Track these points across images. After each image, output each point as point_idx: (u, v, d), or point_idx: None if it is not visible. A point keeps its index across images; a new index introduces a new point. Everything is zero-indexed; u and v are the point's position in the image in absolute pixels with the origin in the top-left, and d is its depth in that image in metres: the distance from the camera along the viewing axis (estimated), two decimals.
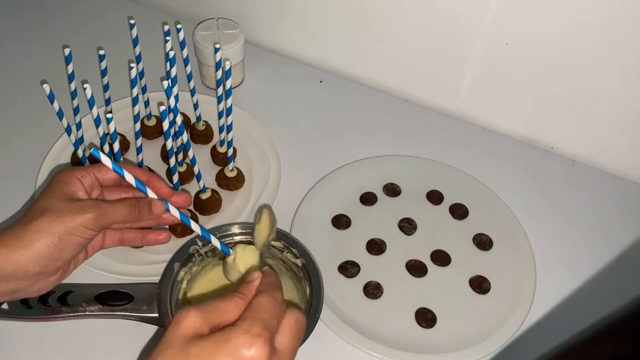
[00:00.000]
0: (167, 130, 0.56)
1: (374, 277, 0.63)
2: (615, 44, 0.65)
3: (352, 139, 0.76)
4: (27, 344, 0.56)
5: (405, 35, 0.77)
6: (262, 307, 0.37)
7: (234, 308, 0.37)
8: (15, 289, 0.42)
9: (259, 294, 0.38)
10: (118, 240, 0.50)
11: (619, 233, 0.69)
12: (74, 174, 0.46)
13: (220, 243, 0.53)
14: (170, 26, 0.64)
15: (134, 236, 0.51)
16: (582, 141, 0.76)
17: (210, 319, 0.36)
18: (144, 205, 0.47)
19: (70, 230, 0.43)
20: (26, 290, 0.43)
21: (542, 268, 0.64)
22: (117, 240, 0.50)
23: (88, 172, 0.47)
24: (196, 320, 0.35)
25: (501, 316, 0.60)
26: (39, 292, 0.44)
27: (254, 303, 0.37)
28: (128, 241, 0.51)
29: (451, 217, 0.69)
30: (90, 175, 0.47)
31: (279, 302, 0.38)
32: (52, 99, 0.58)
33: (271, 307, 0.37)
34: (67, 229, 0.43)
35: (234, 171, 0.68)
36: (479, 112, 0.80)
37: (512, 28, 0.69)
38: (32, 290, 0.44)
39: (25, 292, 0.43)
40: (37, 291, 0.44)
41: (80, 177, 0.46)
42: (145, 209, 0.47)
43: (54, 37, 0.85)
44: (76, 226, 0.43)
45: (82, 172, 0.47)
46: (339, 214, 0.68)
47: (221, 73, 0.63)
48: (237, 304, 0.38)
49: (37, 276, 0.43)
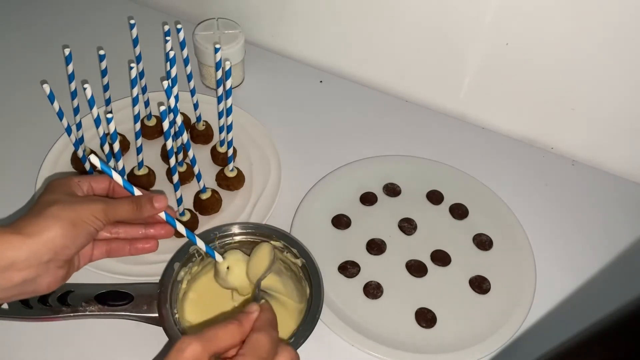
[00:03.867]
0: (167, 130, 0.56)
1: (374, 277, 0.63)
2: (615, 44, 0.65)
3: (352, 139, 0.76)
4: (27, 344, 0.56)
5: (405, 35, 0.77)
6: (260, 344, 0.40)
7: (231, 336, 0.40)
8: (26, 278, 0.42)
9: (256, 330, 0.41)
10: (105, 251, 0.50)
11: (618, 233, 0.69)
12: (71, 177, 0.48)
13: (206, 246, 0.52)
14: (170, 26, 0.64)
15: (121, 246, 0.51)
16: (582, 141, 0.76)
17: (209, 348, 0.38)
18: (145, 201, 0.47)
19: (82, 217, 0.44)
20: (36, 283, 0.43)
21: (542, 268, 0.64)
22: (104, 251, 0.50)
23: (84, 178, 0.48)
24: (196, 349, 0.37)
25: (501, 316, 0.60)
26: (47, 288, 0.44)
27: (253, 340, 0.40)
28: (115, 251, 0.50)
29: (451, 217, 0.69)
30: (86, 181, 0.48)
31: (275, 340, 0.41)
32: (52, 99, 0.58)
33: (269, 347, 0.40)
34: (79, 215, 0.44)
35: (234, 171, 0.68)
36: (479, 112, 0.80)
37: (512, 28, 0.69)
38: (42, 283, 0.43)
39: (35, 285, 0.43)
40: (46, 286, 0.44)
41: (77, 181, 0.48)
42: (147, 204, 0.47)
43: (54, 37, 0.85)
44: (87, 214, 0.44)
45: (79, 177, 0.48)
46: (339, 214, 0.68)
47: (221, 73, 0.63)
48: (233, 333, 0.40)
49: (47, 265, 0.42)
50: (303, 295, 0.57)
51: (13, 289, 0.42)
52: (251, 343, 0.39)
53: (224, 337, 0.39)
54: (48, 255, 0.42)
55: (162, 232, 0.51)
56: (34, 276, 0.42)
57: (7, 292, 0.42)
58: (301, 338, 0.52)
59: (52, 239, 0.42)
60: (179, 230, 0.50)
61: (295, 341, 0.51)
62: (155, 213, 0.48)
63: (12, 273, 0.41)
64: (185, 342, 0.37)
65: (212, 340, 0.38)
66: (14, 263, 0.41)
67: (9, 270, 0.41)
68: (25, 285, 0.42)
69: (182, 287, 0.57)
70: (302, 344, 0.51)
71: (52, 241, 0.42)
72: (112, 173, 0.46)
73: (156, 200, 0.47)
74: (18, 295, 0.43)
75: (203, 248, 0.52)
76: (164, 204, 0.48)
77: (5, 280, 0.41)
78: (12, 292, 0.42)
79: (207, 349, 0.38)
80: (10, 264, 0.41)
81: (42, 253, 0.42)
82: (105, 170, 0.45)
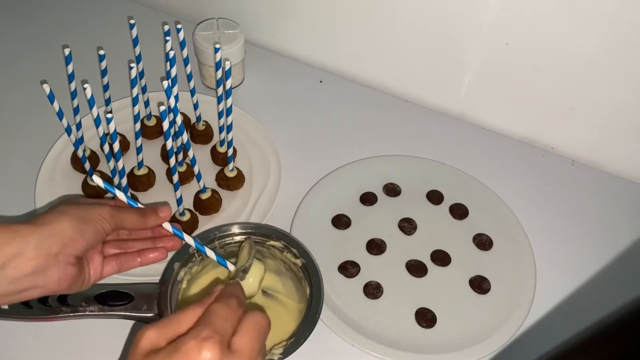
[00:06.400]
0: (167, 130, 0.56)
1: (374, 277, 0.63)
2: (615, 44, 0.65)
3: (352, 139, 0.76)
4: (27, 344, 0.56)
5: (405, 35, 0.77)
6: (213, 312, 0.37)
7: (192, 317, 0.38)
8: (36, 269, 0.42)
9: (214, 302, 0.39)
10: (116, 265, 0.50)
11: (618, 233, 0.69)
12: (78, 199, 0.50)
13: (216, 255, 0.53)
14: (170, 26, 0.64)
15: (132, 257, 0.51)
16: (582, 141, 0.76)
17: (167, 333, 0.37)
18: (150, 211, 0.50)
19: (91, 215, 0.46)
20: (46, 275, 0.43)
21: (542, 268, 0.64)
22: (115, 266, 0.50)
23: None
24: (151, 335, 0.36)
25: (501, 316, 0.60)
26: (58, 283, 0.44)
27: (206, 311, 0.38)
28: (125, 264, 0.51)
29: (451, 217, 0.69)
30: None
31: (232, 307, 0.38)
32: (52, 99, 0.58)
33: (223, 312, 0.38)
34: (88, 213, 0.46)
35: (234, 171, 0.68)
36: (479, 112, 0.80)
37: (512, 28, 0.69)
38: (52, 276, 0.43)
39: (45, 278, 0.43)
40: (57, 280, 0.43)
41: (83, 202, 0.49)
42: (152, 214, 0.50)
43: (54, 37, 0.85)
44: (95, 213, 0.46)
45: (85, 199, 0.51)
46: (339, 214, 0.68)
47: (221, 73, 0.63)
48: (194, 313, 0.38)
49: (57, 257, 0.43)
50: (303, 295, 0.57)
51: (24, 281, 0.42)
52: (204, 313, 0.38)
53: (184, 319, 0.37)
54: (57, 246, 0.43)
55: (170, 243, 0.53)
56: (43, 267, 0.42)
57: (18, 284, 0.42)
58: (301, 338, 0.52)
59: (61, 229, 0.43)
60: (187, 242, 0.52)
61: (295, 341, 0.51)
62: (160, 222, 0.50)
63: (21, 262, 0.41)
64: (141, 332, 0.36)
65: (170, 325, 0.37)
66: (23, 252, 0.41)
67: (17, 258, 0.41)
68: (35, 277, 0.42)
69: (182, 287, 0.57)
70: (302, 344, 0.51)
71: (60, 232, 0.43)
72: (115, 191, 0.48)
73: (160, 210, 0.50)
74: (30, 290, 0.43)
75: (214, 258, 0.53)
76: (167, 213, 0.50)
77: (15, 270, 0.41)
78: (23, 284, 0.42)
79: (163, 334, 0.36)
80: (18, 252, 0.41)
81: (51, 243, 0.43)
82: (109, 189, 0.48)
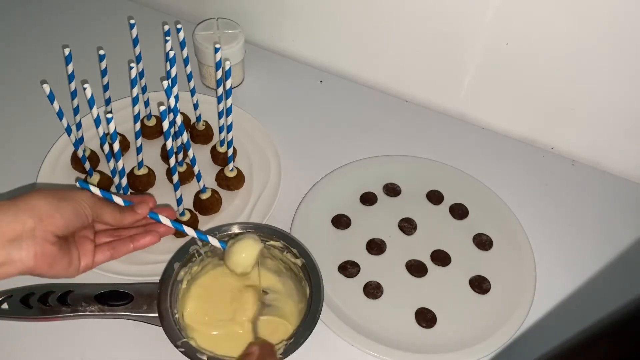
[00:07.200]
0: (167, 130, 0.56)
1: (374, 277, 0.63)
2: (615, 44, 0.65)
3: (352, 139, 0.76)
4: (27, 344, 0.56)
5: (405, 35, 0.77)
6: None
7: None
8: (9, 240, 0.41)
9: None
10: (109, 252, 0.50)
11: (618, 233, 0.69)
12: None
13: (219, 241, 0.53)
14: (170, 26, 0.64)
15: (124, 244, 0.51)
16: (582, 141, 0.76)
17: None
18: (127, 208, 0.50)
19: (70, 196, 0.46)
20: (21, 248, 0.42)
21: (542, 268, 0.64)
22: (108, 253, 0.50)
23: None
24: None
25: (501, 316, 0.60)
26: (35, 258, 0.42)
27: None
28: (118, 251, 0.51)
29: (451, 217, 0.69)
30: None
31: None
32: (52, 99, 0.58)
33: None
34: (67, 194, 0.46)
35: (234, 171, 0.68)
36: (479, 112, 0.80)
37: (512, 28, 0.69)
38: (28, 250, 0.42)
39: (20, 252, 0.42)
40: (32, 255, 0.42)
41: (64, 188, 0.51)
42: (128, 210, 0.50)
43: (54, 37, 0.85)
44: (75, 196, 0.46)
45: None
46: (339, 214, 0.68)
47: (221, 73, 0.63)
48: None
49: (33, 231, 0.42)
50: (303, 295, 0.57)
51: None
52: None
53: None
54: (32, 220, 0.43)
55: (162, 229, 0.52)
56: (18, 239, 0.42)
57: None
58: (301, 338, 0.52)
59: (37, 205, 0.43)
60: (187, 232, 0.52)
61: (295, 341, 0.51)
62: (137, 218, 0.51)
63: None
64: None
65: None
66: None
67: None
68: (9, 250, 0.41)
69: (182, 287, 0.57)
70: (302, 344, 0.51)
71: (37, 207, 0.43)
72: (112, 198, 0.49)
73: (138, 207, 0.51)
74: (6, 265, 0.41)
75: (218, 244, 0.53)
76: (145, 210, 0.51)
77: None
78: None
79: None
80: None
81: (26, 217, 0.42)
82: (107, 197, 0.49)
